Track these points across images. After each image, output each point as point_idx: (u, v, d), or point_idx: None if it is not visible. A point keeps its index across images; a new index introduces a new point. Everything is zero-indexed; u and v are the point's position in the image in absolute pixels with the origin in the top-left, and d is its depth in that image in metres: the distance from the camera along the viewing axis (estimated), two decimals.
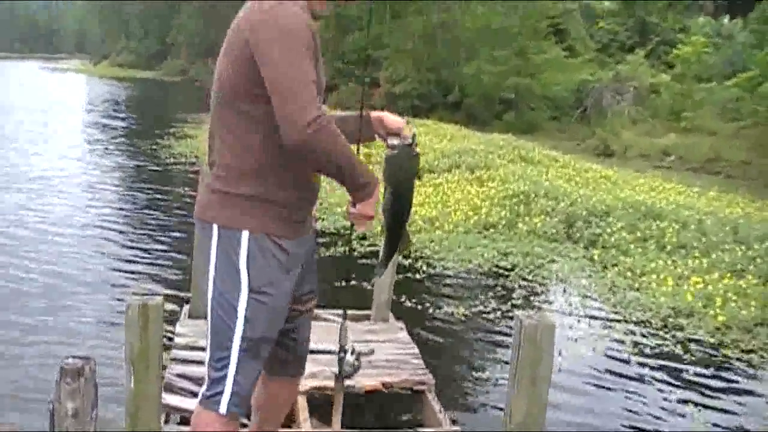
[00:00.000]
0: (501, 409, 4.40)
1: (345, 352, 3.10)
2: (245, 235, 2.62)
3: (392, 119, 2.92)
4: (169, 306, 6.09)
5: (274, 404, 3.14)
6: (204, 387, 2.76)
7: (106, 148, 19.54)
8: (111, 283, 8.32)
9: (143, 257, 9.32)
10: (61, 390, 2.37)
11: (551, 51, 28.15)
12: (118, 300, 7.42)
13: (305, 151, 2.44)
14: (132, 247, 9.79)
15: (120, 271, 8.76)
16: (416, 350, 5.27)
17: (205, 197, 2.72)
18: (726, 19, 32.81)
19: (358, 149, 2.80)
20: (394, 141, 2.82)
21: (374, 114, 2.95)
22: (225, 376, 2.68)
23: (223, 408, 2.69)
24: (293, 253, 2.72)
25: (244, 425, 3.42)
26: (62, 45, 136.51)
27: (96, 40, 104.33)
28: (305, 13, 2.58)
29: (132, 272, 8.68)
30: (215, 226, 2.66)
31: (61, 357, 2.48)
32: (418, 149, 2.86)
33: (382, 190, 2.82)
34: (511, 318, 6.93)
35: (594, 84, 26.09)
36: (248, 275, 2.63)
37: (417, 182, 2.92)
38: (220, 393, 2.69)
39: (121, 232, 10.62)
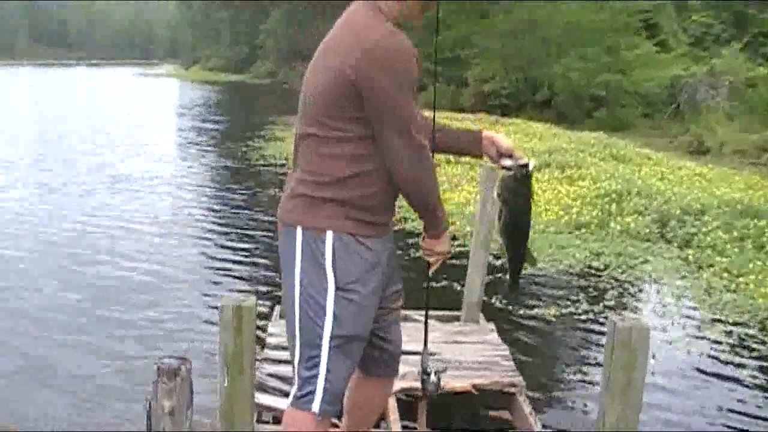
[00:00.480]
0: (592, 412, 4.36)
1: (428, 374, 3.14)
2: (329, 235, 2.68)
3: (504, 141, 3.00)
4: (261, 306, 6.20)
5: (368, 405, 3.18)
6: (295, 387, 2.81)
7: (199, 150, 20.06)
8: (205, 281, 8.62)
9: (235, 257, 9.55)
10: (158, 389, 2.44)
11: (643, 46, 27.58)
12: (212, 299, 7.68)
13: (410, 183, 2.62)
14: (225, 247, 10.06)
15: (213, 269, 9.06)
16: (507, 352, 5.25)
17: (289, 201, 2.78)
18: None
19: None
20: (508, 162, 2.92)
21: (486, 134, 3.03)
22: (317, 375, 2.73)
23: (315, 407, 2.74)
24: (377, 251, 2.77)
25: (335, 425, 3.47)
26: (155, 51, 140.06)
27: (187, 46, 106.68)
28: (407, 39, 2.63)
29: (225, 271, 8.94)
30: (299, 228, 2.72)
31: (157, 356, 2.56)
32: (532, 170, 2.93)
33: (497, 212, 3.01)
34: (604, 319, 6.84)
35: (687, 79, 25.45)
36: (334, 274, 2.68)
37: (532, 203, 3.00)
38: (312, 392, 2.74)
39: (214, 232, 10.92)
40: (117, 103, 35.70)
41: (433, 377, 3.16)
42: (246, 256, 9.57)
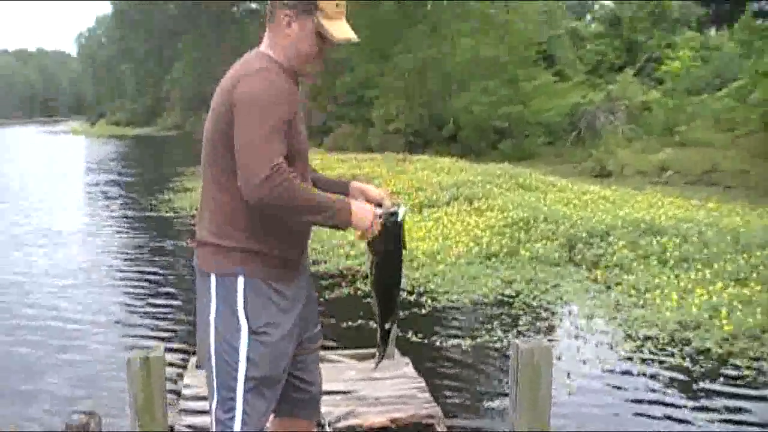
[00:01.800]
0: None
1: (322, 426, 3.17)
2: (241, 280, 2.70)
3: (373, 190, 2.99)
4: (174, 357, 6.15)
5: None
6: (213, 430, 2.80)
7: (107, 205, 19.74)
8: (118, 331, 8.56)
9: (148, 308, 9.48)
10: None
11: (541, 77, 28.34)
12: (124, 349, 7.57)
13: (266, 207, 2.53)
14: (138, 297, 10.00)
15: (126, 319, 9.01)
16: (423, 384, 5.28)
17: (202, 249, 2.80)
18: (712, 31, 33.04)
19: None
20: (378, 210, 2.84)
21: (355, 184, 3.03)
22: (233, 418, 2.73)
23: None
24: (289, 295, 2.79)
25: None
26: (59, 108, 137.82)
27: (92, 101, 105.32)
28: (288, 79, 2.68)
29: (138, 320, 8.89)
30: (213, 275, 2.74)
31: (68, 411, 2.52)
32: (401, 218, 2.85)
33: (369, 261, 2.90)
34: None
35: (586, 106, 26.18)
36: (246, 318, 2.70)
37: (404, 252, 2.92)
38: None
39: (126, 283, 10.83)
40: (22, 162, 34.99)
41: (327, 428, 3.17)
42: (159, 306, 9.45)
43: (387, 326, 3.05)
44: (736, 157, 19.75)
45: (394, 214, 2.81)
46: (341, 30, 2.74)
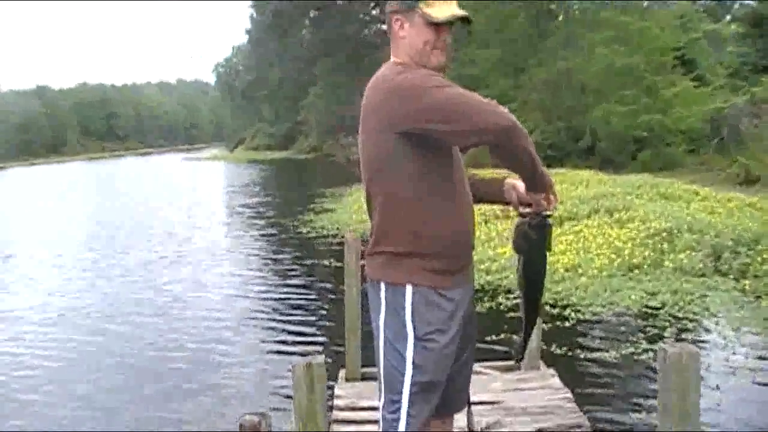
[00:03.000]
0: None
1: None
2: (409, 289, 2.87)
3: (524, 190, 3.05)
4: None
5: None
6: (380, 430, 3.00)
7: (251, 227, 20.43)
8: (267, 348, 9.00)
9: (296, 329, 9.81)
10: None
11: (680, 83, 27.58)
12: (276, 363, 8.10)
13: (514, 135, 2.64)
14: (285, 319, 10.29)
15: (274, 337, 9.41)
16: (569, 395, 5.34)
17: (371, 259, 2.98)
18: None
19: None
20: (526, 210, 2.95)
21: (509, 180, 3.13)
22: (398, 419, 2.90)
23: None
24: (455, 300, 2.94)
25: None
26: (200, 136, 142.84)
27: (230, 128, 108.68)
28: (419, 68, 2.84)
29: (286, 339, 9.20)
30: (382, 284, 2.93)
31: (237, 415, 2.75)
32: (550, 220, 2.94)
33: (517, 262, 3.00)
34: None
35: (728, 110, 25.38)
36: (413, 326, 2.86)
37: (548, 253, 2.99)
38: None
39: (272, 303, 11.24)
40: (167, 187, 36.66)
41: None
42: (306, 326, 9.81)
43: (531, 324, 3.15)
44: None
45: (541, 214, 2.89)
46: (443, 11, 2.85)
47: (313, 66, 64.81)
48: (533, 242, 2.93)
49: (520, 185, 3.02)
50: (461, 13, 2.88)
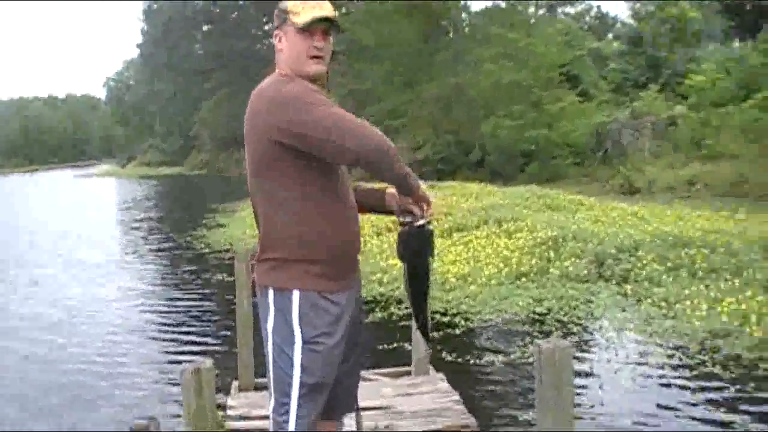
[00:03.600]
0: None
1: None
2: (296, 294, 2.93)
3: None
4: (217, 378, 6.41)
5: None
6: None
7: (144, 243, 20.09)
8: (161, 360, 8.90)
9: (189, 339, 9.75)
10: None
11: (566, 98, 28.43)
12: (169, 371, 8.06)
13: (371, 152, 2.72)
14: (177, 333, 10.16)
15: (168, 350, 9.31)
16: (458, 397, 5.47)
17: (258, 267, 3.04)
18: (736, 43, 33.03)
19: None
20: (407, 218, 3.00)
21: (391, 191, 3.20)
22: (287, 421, 2.96)
23: None
24: (341, 304, 3.01)
25: None
26: (90, 151, 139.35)
27: (122, 143, 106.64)
28: (301, 79, 2.92)
29: (179, 350, 9.13)
30: (270, 290, 2.98)
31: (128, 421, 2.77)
32: (430, 227, 3.01)
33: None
34: None
35: (611, 125, 26.31)
36: (301, 329, 2.92)
37: (433, 260, 3.06)
38: None
39: (166, 317, 11.09)
40: (55, 205, 35.70)
41: None
42: (200, 339, 9.72)
43: (419, 326, 3.22)
44: (764, 167, 19.73)
45: (422, 223, 2.97)
46: (305, 16, 2.94)
47: (205, 80, 64.35)
48: (415, 250, 3.01)
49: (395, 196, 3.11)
50: (322, 14, 2.95)
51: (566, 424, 3.16)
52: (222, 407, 5.38)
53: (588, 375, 7.18)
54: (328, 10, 2.97)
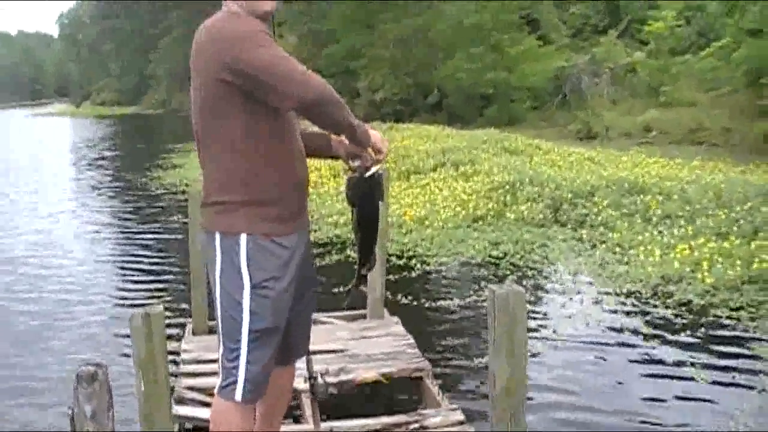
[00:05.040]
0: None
1: (314, 378, 3.46)
2: (243, 237, 2.87)
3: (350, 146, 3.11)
4: (171, 326, 6.32)
5: (276, 390, 3.31)
6: (220, 378, 2.98)
7: (99, 184, 19.78)
8: (113, 303, 8.70)
9: (143, 281, 9.56)
10: (78, 394, 2.57)
11: (525, 42, 28.32)
12: (121, 315, 7.84)
13: (321, 101, 2.70)
14: (131, 275, 10.01)
15: (121, 293, 9.10)
16: (412, 341, 5.46)
17: (204, 211, 2.97)
18: None
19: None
20: (356, 163, 2.99)
21: (335, 137, 3.18)
22: (237, 366, 2.90)
23: (238, 395, 2.92)
24: (290, 247, 2.95)
25: None
26: (44, 90, 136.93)
27: (76, 82, 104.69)
28: (252, 18, 2.83)
29: (133, 295, 8.96)
30: (217, 234, 2.91)
31: (77, 365, 2.69)
32: (380, 171, 3.01)
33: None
34: None
35: (570, 70, 26.31)
36: (249, 274, 2.86)
37: (381, 203, 3.08)
38: (234, 382, 2.92)
39: (119, 259, 10.89)
40: (6, 145, 35.01)
41: (320, 379, 3.36)
42: (153, 281, 9.57)
43: (363, 271, 3.24)
44: (720, 115, 19.95)
45: (369, 167, 2.97)
46: None
47: (163, 18, 63.12)
48: (364, 194, 3.00)
49: (346, 141, 3.07)
50: None
51: (519, 369, 3.15)
52: (174, 353, 5.31)
53: (541, 319, 7.21)
54: None
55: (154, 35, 66.27)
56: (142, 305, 7.92)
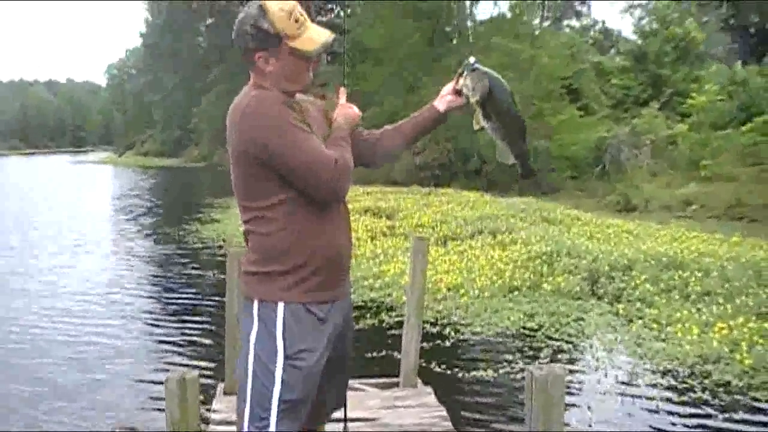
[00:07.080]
0: None
1: None
2: (281, 306, 2.89)
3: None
4: (203, 382, 6.34)
5: None
6: None
7: (137, 234, 19.99)
8: (147, 361, 8.75)
9: (176, 339, 9.62)
10: None
11: (566, 111, 28.38)
12: (155, 376, 7.85)
13: (348, 176, 2.87)
14: (166, 328, 10.09)
15: (155, 351, 9.14)
16: (444, 413, 5.41)
17: (245, 277, 3.00)
18: (739, 65, 33.07)
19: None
20: (462, 81, 3.21)
21: (435, 102, 3.42)
22: None
23: None
24: (327, 318, 2.97)
25: None
26: (88, 138, 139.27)
27: (120, 131, 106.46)
28: (280, 95, 2.88)
29: (166, 352, 9.01)
30: (255, 301, 2.93)
31: (110, 424, 2.72)
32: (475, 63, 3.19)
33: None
34: None
35: (611, 140, 26.27)
36: (284, 343, 2.87)
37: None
38: None
39: (153, 315, 10.97)
40: (50, 191, 35.56)
41: None
42: (187, 338, 9.63)
43: (522, 157, 3.41)
44: (761, 191, 19.73)
45: (472, 67, 3.20)
46: (313, 42, 2.89)
47: (206, 73, 64.17)
48: (486, 85, 3.15)
49: (445, 89, 3.35)
50: (328, 42, 2.91)
51: None
52: (206, 420, 5.32)
53: (576, 395, 7.14)
54: (328, 36, 2.94)
55: (198, 89, 67.31)
56: (174, 363, 8.05)
